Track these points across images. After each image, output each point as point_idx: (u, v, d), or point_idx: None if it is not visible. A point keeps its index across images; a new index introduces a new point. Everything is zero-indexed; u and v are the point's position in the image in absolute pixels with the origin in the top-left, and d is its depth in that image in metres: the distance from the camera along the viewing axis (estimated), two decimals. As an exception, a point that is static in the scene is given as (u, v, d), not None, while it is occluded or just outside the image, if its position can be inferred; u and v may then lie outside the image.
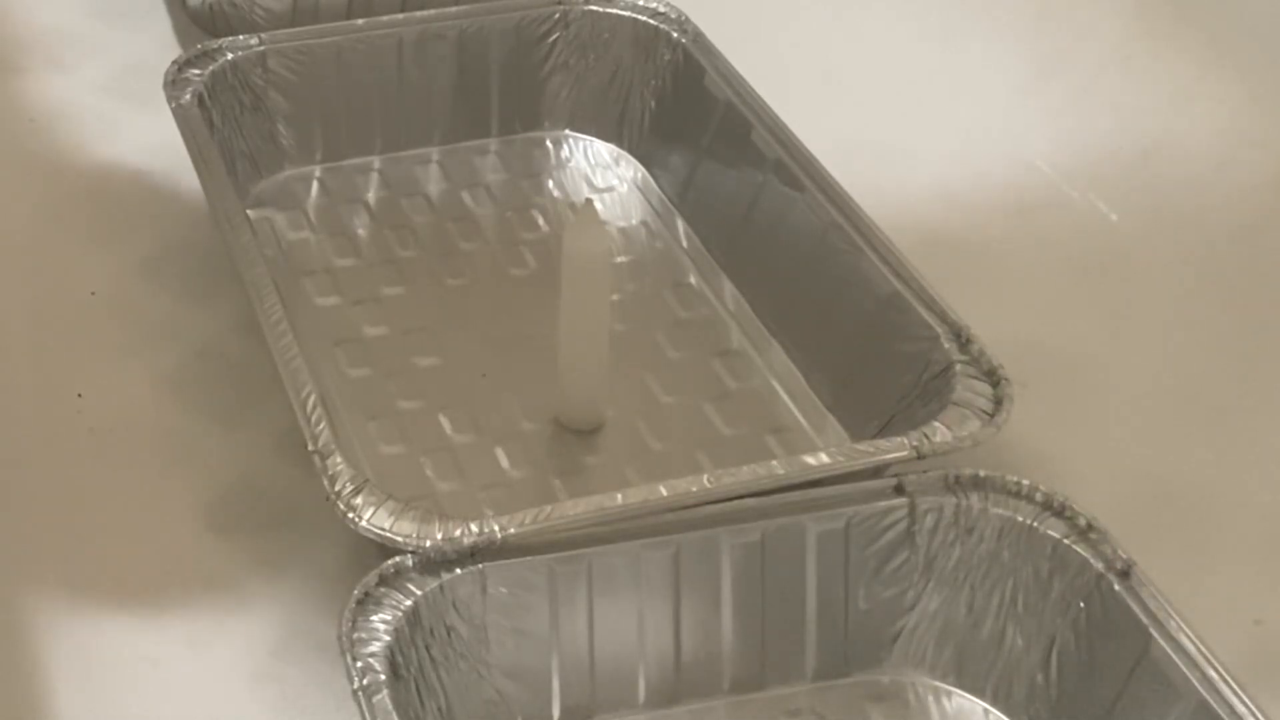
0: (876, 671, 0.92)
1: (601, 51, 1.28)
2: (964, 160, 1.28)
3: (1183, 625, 0.84)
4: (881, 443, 0.94)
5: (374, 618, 0.84)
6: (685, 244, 1.20)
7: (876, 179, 1.21)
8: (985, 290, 1.15)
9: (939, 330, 1.00)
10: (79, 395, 1.08)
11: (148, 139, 1.28)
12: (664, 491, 0.90)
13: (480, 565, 0.87)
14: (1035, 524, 0.89)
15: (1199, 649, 0.83)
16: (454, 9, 1.28)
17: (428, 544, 0.87)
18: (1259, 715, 0.80)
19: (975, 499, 0.90)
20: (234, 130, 1.22)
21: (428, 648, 0.85)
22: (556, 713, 0.90)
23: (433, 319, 1.14)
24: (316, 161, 1.26)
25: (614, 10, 1.27)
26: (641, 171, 1.26)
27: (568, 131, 1.29)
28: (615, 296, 1.13)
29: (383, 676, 0.81)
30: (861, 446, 0.94)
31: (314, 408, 0.93)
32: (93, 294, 1.16)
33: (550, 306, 1.06)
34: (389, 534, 0.87)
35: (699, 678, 0.91)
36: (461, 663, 0.87)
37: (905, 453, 0.93)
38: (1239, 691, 0.81)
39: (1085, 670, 0.87)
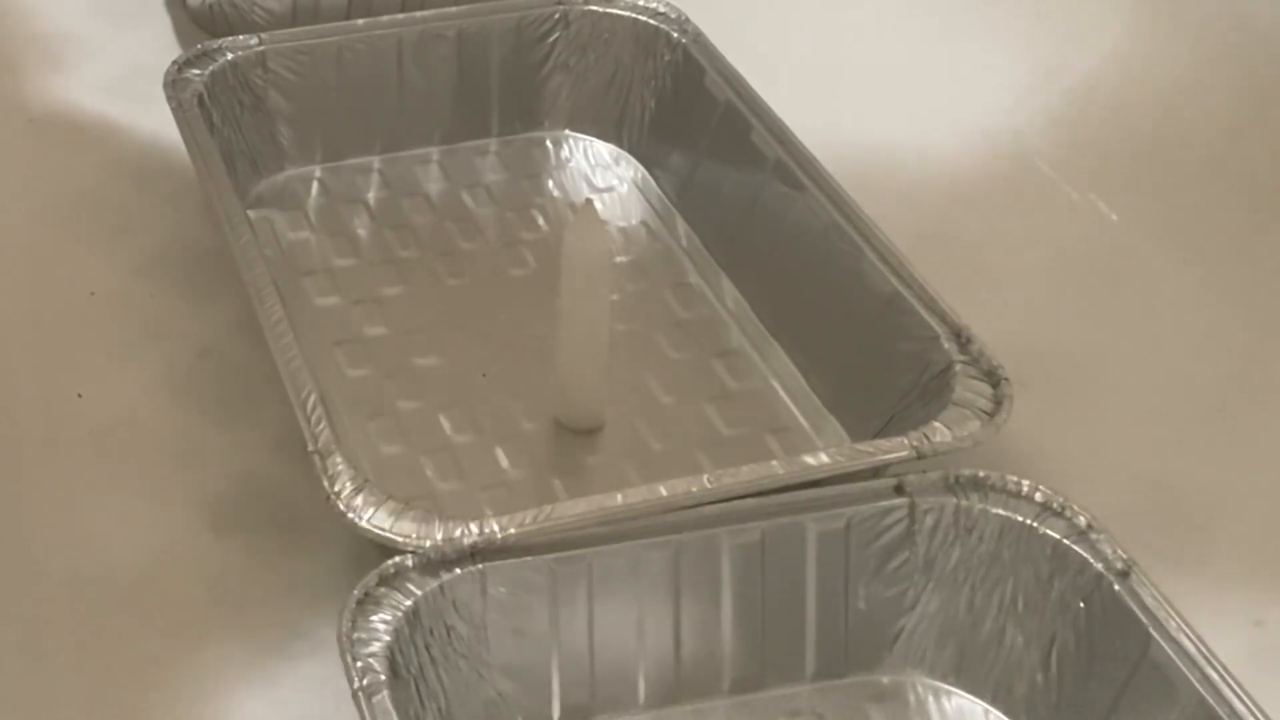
0: (876, 671, 0.92)
1: (601, 51, 1.28)
2: (964, 160, 1.28)
3: (1183, 625, 0.84)
4: (881, 443, 0.94)
5: (374, 618, 0.84)
6: (685, 244, 1.20)
7: (876, 179, 1.21)
8: (985, 290, 1.15)
9: (939, 330, 1.00)
10: (79, 395, 1.08)
11: (148, 139, 1.28)
12: (664, 491, 0.90)
13: (480, 565, 0.87)
14: (1035, 524, 0.89)
15: (1199, 649, 0.83)
16: (454, 9, 1.28)
17: (428, 544, 0.87)
18: (1259, 715, 0.80)
19: (975, 499, 0.90)
20: (234, 130, 1.21)
21: (428, 648, 0.85)
22: (556, 713, 0.90)
23: (433, 319, 1.14)
24: (316, 161, 1.26)
25: (614, 10, 1.27)
26: (641, 171, 1.26)
27: (568, 131, 1.29)
28: (615, 296, 1.13)
29: (383, 676, 0.81)
30: (861, 446, 0.94)
31: (314, 408, 0.93)
32: (93, 294, 1.16)
33: (550, 306, 1.06)
34: (389, 534, 0.87)
35: (699, 678, 0.91)
36: (461, 663, 0.87)
37: (905, 453, 0.93)
38: (1239, 691, 0.81)
39: (1085, 670, 0.87)
